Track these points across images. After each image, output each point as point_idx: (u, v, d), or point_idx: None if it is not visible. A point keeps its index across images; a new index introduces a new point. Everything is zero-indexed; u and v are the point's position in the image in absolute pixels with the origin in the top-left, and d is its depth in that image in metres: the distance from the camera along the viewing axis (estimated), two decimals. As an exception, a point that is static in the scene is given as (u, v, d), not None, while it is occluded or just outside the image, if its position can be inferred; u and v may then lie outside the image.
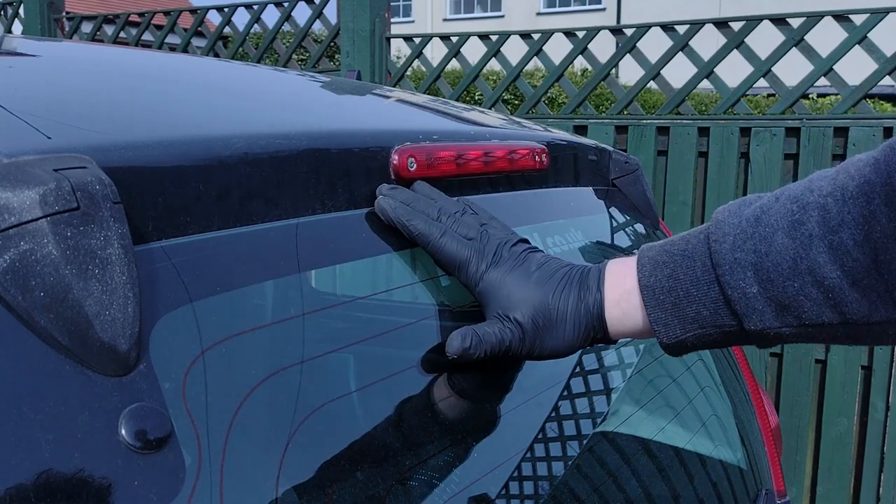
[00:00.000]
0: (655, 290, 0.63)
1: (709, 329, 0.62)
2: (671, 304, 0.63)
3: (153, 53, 1.22)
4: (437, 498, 0.63)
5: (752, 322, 0.60)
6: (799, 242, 0.57)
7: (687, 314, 0.62)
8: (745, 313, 0.60)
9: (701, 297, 0.61)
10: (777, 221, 0.58)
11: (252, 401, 0.53)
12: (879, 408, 2.36)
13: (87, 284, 0.44)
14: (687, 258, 0.63)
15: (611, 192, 1.13)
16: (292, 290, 0.60)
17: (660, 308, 0.63)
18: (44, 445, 0.42)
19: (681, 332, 0.63)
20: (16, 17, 4.14)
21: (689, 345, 0.64)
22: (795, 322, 0.59)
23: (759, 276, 0.58)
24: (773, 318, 0.59)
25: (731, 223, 0.61)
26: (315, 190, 0.64)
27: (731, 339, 0.63)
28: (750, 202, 0.62)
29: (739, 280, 0.59)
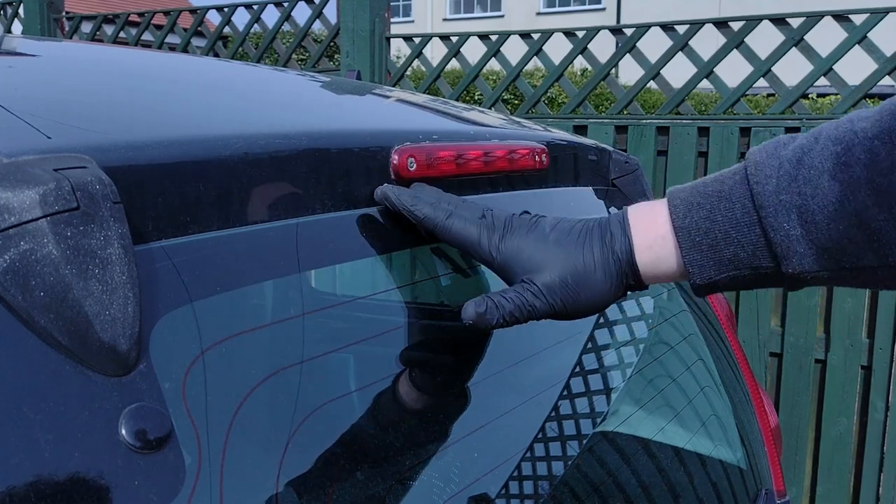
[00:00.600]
0: (691, 232, 0.62)
1: (744, 271, 0.62)
2: (708, 246, 0.62)
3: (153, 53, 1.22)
4: (437, 498, 0.63)
5: (790, 265, 0.59)
6: (846, 185, 0.56)
7: (724, 256, 0.62)
8: (785, 256, 0.59)
9: (740, 239, 0.61)
10: (821, 164, 0.58)
11: (252, 401, 0.53)
12: (879, 407, 2.36)
13: (87, 284, 0.44)
14: (724, 199, 0.62)
15: (611, 192, 1.13)
16: (292, 291, 0.60)
17: (696, 250, 0.62)
18: (44, 445, 0.42)
19: (715, 273, 0.62)
20: (15, 16, 4.14)
21: (721, 286, 0.63)
22: (835, 266, 0.58)
23: (802, 219, 0.58)
24: (813, 261, 0.59)
25: (771, 165, 0.60)
26: (315, 190, 0.64)
27: (764, 281, 0.62)
28: (784, 143, 0.61)
29: (784, 222, 0.58)
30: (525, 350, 0.83)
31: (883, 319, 2.32)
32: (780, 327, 2.47)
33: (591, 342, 0.93)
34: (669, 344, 1.08)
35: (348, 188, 0.67)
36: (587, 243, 0.66)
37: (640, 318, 1.07)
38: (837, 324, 2.38)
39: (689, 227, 0.63)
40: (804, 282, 0.61)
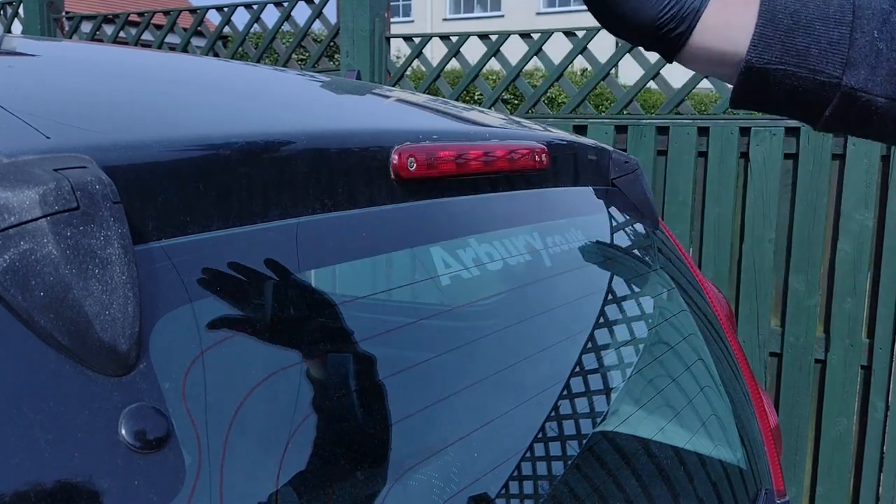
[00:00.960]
0: (777, 6, 0.60)
1: (803, 71, 0.59)
2: (787, 28, 0.59)
3: (153, 53, 1.22)
4: (437, 498, 0.63)
5: (855, 76, 0.58)
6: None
7: (796, 44, 0.59)
8: (856, 64, 0.58)
9: (823, 33, 0.59)
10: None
11: (252, 401, 0.53)
12: (879, 407, 2.36)
13: (87, 284, 0.44)
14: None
15: (610, 191, 1.13)
16: (292, 290, 0.60)
17: (772, 25, 0.60)
18: (44, 445, 0.42)
19: (776, 60, 0.60)
20: (15, 16, 4.14)
21: (769, 81, 0.60)
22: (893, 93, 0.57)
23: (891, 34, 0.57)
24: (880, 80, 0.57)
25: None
26: (315, 190, 0.64)
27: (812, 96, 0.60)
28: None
29: (874, 30, 0.57)
30: (525, 350, 0.83)
31: (883, 319, 2.32)
32: (779, 327, 2.47)
33: (591, 342, 0.93)
34: (669, 344, 1.08)
35: (348, 188, 0.67)
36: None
37: (640, 318, 1.07)
38: (837, 324, 2.38)
39: (777, 1, 0.60)
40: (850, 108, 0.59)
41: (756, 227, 2.44)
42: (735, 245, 2.51)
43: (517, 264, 0.87)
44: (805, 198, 2.37)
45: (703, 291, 1.27)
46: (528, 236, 0.91)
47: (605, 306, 0.99)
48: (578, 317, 0.95)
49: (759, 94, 0.62)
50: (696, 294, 1.23)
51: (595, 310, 0.97)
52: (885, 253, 2.31)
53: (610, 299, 1.01)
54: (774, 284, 2.45)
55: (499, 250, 0.84)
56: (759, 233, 2.44)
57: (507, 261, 0.85)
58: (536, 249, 0.91)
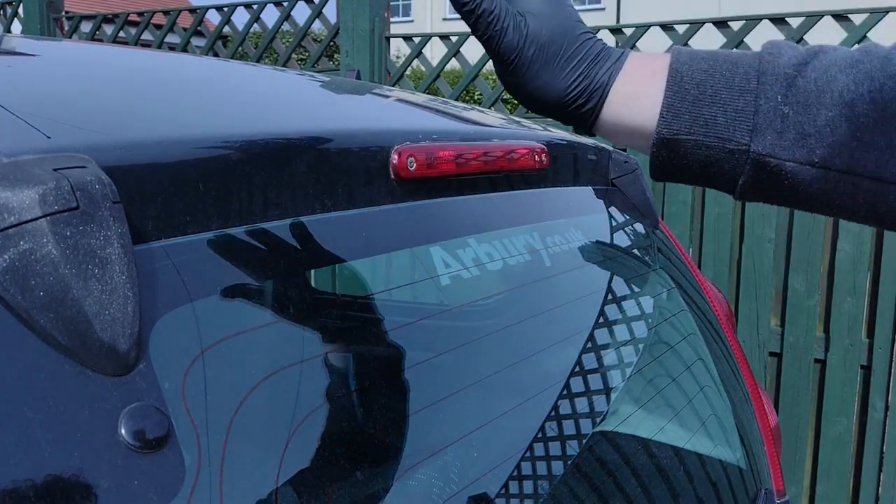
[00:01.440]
0: (685, 78, 0.61)
1: (712, 140, 0.60)
2: (694, 98, 0.60)
3: (153, 53, 1.22)
4: (437, 498, 0.63)
5: (763, 142, 0.58)
6: (852, 78, 0.57)
7: (703, 114, 0.60)
8: (763, 129, 0.58)
9: (729, 101, 0.60)
10: (834, 59, 0.58)
11: (252, 400, 0.53)
12: (879, 407, 2.36)
13: (87, 284, 0.44)
14: (730, 62, 0.61)
15: (610, 191, 1.13)
16: (292, 290, 0.60)
17: (679, 96, 0.61)
18: (43, 445, 0.42)
19: (685, 130, 0.60)
20: (15, 16, 4.14)
21: (680, 152, 0.61)
22: (804, 157, 0.58)
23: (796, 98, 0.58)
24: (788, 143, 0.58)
25: (788, 46, 0.61)
26: (315, 189, 0.64)
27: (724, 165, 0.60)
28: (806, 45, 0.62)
29: (778, 94, 0.58)
30: (525, 350, 0.83)
31: (882, 319, 2.32)
32: (779, 327, 2.47)
33: (591, 342, 0.93)
34: (669, 344, 1.08)
35: (348, 188, 0.67)
36: (586, 44, 0.63)
37: (640, 318, 1.07)
38: (837, 324, 2.38)
39: (684, 73, 0.61)
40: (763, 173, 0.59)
41: (756, 226, 2.44)
42: (735, 245, 2.51)
43: (517, 264, 0.87)
44: (805, 198, 2.37)
45: (702, 291, 1.27)
46: (527, 236, 0.91)
47: (605, 306, 0.99)
48: (578, 317, 0.95)
49: (673, 166, 0.63)
50: (695, 294, 1.23)
51: (595, 310, 0.97)
52: (884, 253, 2.31)
53: (610, 299, 1.01)
54: (774, 284, 2.45)
55: (499, 250, 0.84)
56: (758, 232, 2.44)
57: (506, 261, 0.85)
58: (536, 249, 0.91)
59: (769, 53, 0.60)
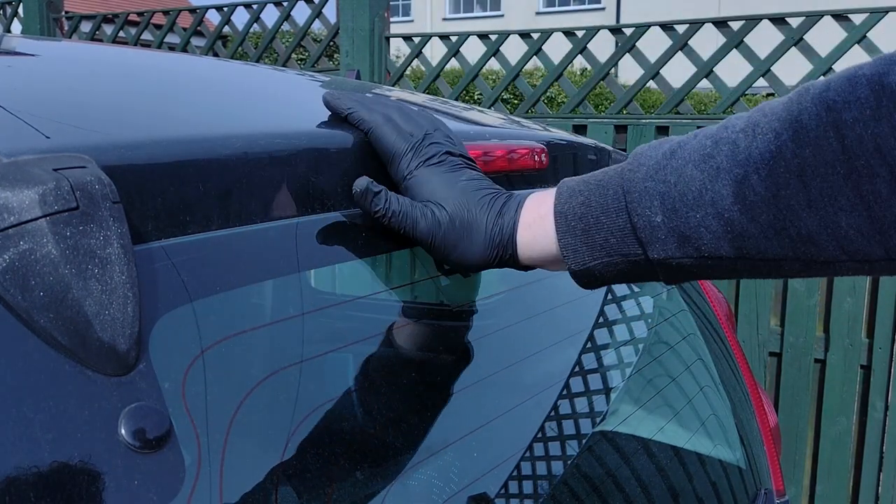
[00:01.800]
0: (568, 216, 0.65)
1: (615, 258, 0.63)
2: (581, 231, 0.64)
3: (152, 53, 1.22)
4: (437, 498, 0.63)
5: (655, 251, 0.61)
6: (706, 174, 0.58)
7: (596, 241, 0.64)
8: (648, 241, 0.61)
9: (609, 224, 0.63)
10: (690, 155, 0.60)
11: (252, 400, 0.53)
12: (879, 407, 2.36)
13: (87, 284, 0.44)
14: (601, 187, 0.64)
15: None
16: (292, 290, 0.60)
17: (570, 234, 0.65)
18: (43, 445, 0.42)
19: (589, 259, 0.64)
20: (15, 16, 4.14)
21: (598, 274, 0.65)
22: (695, 253, 0.60)
23: (664, 206, 0.60)
24: (674, 247, 0.61)
25: (648, 155, 0.63)
26: (315, 189, 0.64)
27: (638, 270, 0.64)
28: (669, 140, 0.64)
29: (646, 208, 0.61)
30: (525, 350, 0.83)
31: (882, 319, 2.32)
32: (779, 327, 2.47)
33: (590, 342, 0.93)
34: (669, 344, 1.08)
35: (347, 188, 0.67)
36: (487, 205, 0.68)
37: (640, 318, 1.07)
38: (837, 323, 2.38)
39: (566, 212, 0.65)
40: (673, 270, 0.62)
41: (756, 226, 2.44)
42: (735, 245, 2.51)
43: (517, 264, 0.87)
44: (805, 197, 2.37)
45: (702, 291, 1.27)
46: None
47: (605, 306, 0.99)
48: (578, 317, 0.95)
49: (599, 282, 0.67)
50: (695, 294, 1.23)
51: (595, 310, 0.97)
52: (884, 253, 2.31)
53: (609, 299, 1.01)
54: (774, 284, 2.45)
55: (498, 250, 0.84)
56: (758, 232, 2.44)
57: (506, 260, 0.85)
58: (536, 249, 0.91)
59: (629, 169, 0.63)
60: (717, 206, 0.58)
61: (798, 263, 0.58)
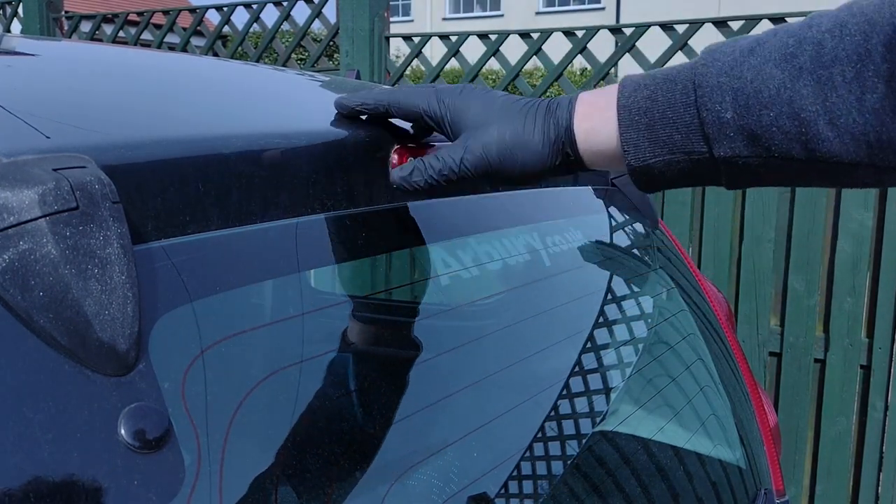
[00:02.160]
0: (632, 111, 0.63)
1: (678, 155, 0.62)
2: (645, 126, 0.62)
3: (152, 53, 1.22)
4: (436, 498, 0.63)
5: (721, 148, 0.60)
6: (787, 74, 0.57)
7: (659, 136, 0.62)
8: (716, 138, 0.60)
9: (676, 119, 0.61)
10: (770, 53, 0.58)
11: (251, 401, 0.53)
12: (878, 407, 2.36)
13: (87, 284, 0.44)
14: (669, 81, 0.62)
15: (610, 191, 1.13)
16: (292, 290, 0.60)
17: (633, 128, 0.63)
18: (43, 445, 0.42)
19: (650, 155, 0.63)
20: (14, 16, 4.14)
21: (657, 172, 0.63)
22: (764, 153, 0.59)
23: (736, 102, 0.58)
24: (742, 146, 0.59)
25: (724, 51, 0.61)
26: (314, 189, 0.64)
27: (700, 170, 0.62)
28: (745, 37, 0.62)
29: (716, 103, 0.59)
30: (525, 350, 0.83)
31: (882, 319, 2.32)
32: (779, 327, 2.47)
33: (590, 342, 0.93)
34: (669, 343, 1.08)
35: (347, 187, 0.67)
36: (532, 111, 0.67)
37: (640, 318, 1.07)
38: (837, 323, 2.38)
39: (630, 106, 0.63)
40: (738, 170, 0.61)
41: (755, 226, 2.44)
42: (734, 245, 2.51)
43: (517, 264, 0.87)
44: (804, 198, 2.37)
45: (702, 291, 1.27)
46: (527, 236, 0.91)
47: (605, 306, 0.99)
48: (578, 316, 0.95)
49: (656, 184, 0.65)
50: (695, 294, 1.23)
51: (595, 309, 0.97)
52: (884, 252, 2.31)
53: (609, 299, 1.01)
54: (774, 284, 2.46)
55: (498, 250, 0.84)
56: (758, 232, 2.44)
57: (506, 260, 0.85)
58: (536, 249, 0.91)
59: (702, 64, 0.61)
60: (793, 106, 0.56)
61: (872, 170, 0.56)
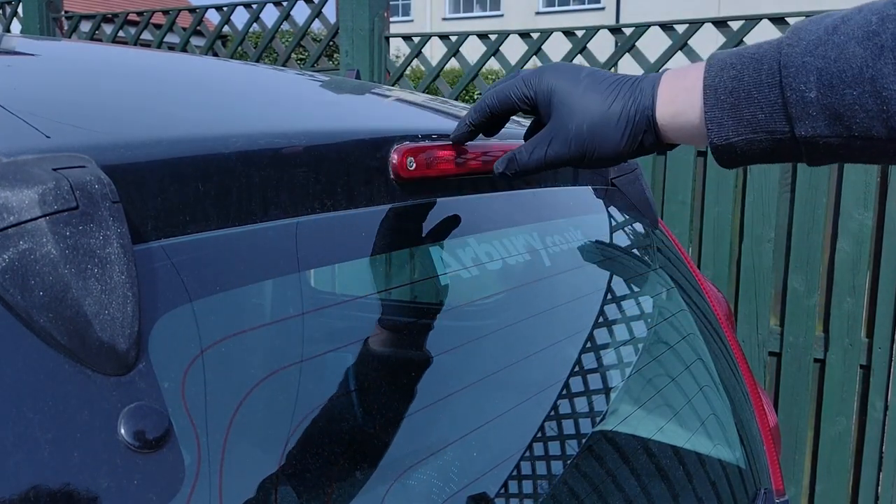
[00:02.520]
0: (718, 90, 0.64)
1: (761, 135, 0.63)
2: (730, 105, 0.64)
3: (152, 52, 1.22)
4: (436, 498, 0.63)
5: (803, 127, 0.61)
6: (870, 52, 0.57)
7: (743, 116, 0.63)
8: (798, 117, 0.61)
9: (761, 99, 0.62)
10: (853, 31, 0.59)
11: (251, 400, 0.53)
12: (878, 407, 2.36)
13: (87, 284, 0.44)
14: (755, 60, 0.63)
15: (610, 191, 1.13)
16: (291, 290, 0.60)
17: (718, 107, 0.64)
18: (43, 445, 0.42)
19: (733, 134, 0.64)
20: (14, 16, 4.14)
21: (738, 151, 0.65)
22: (845, 132, 0.59)
23: (820, 81, 0.59)
24: (824, 125, 0.60)
25: (809, 30, 0.62)
26: (314, 189, 0.64)
27: (782, 149, 0.63)
28: (832, 14, 0.63)
29: (801, 83, 0.60)
30: (524, 350, 0.83)
31: (882, 319, 2.32)
32: (779, 326, 2.47)
33: (590, 342, 0.93)
34: (669, 343, 1.08)
35: (347, 187, 0.67)
36: (614, 93, 0.69)
37: (640, 318, 1.07)
38: (836, 323, 2.38)
39: (716, 86, 0.64)
40: (819, 150, 0.62)
41: (755, 226, 2.44)
42: (734, 244, 2.51)
43: (516, 264, 0.87)
44: (804, 197, 2.37)
45: (702, 291, 1.27)
46: (527, 236, 0.91)
47: (605, 306, 0.99)
48: (578, 316, 0.95)
49: (738, 161, 0.66)
50: (695, 293, 1.23)
51: (594, 309, 0.97)
52: (884, 252, 2.31)
53: (609, 299, 1.01)
54: (774, 284, 2.46)
55: (498, 250, 0.84)
56: (758, 232, 2.44)
57: (506, 260, 0.85)
58: (536, 249, 0.91)
59: (787, 44, 0.62)
60: (876, 84, 0.57)
61: None
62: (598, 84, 0.70)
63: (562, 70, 0.71)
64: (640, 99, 0.68)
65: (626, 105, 0.68)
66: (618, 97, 0.69)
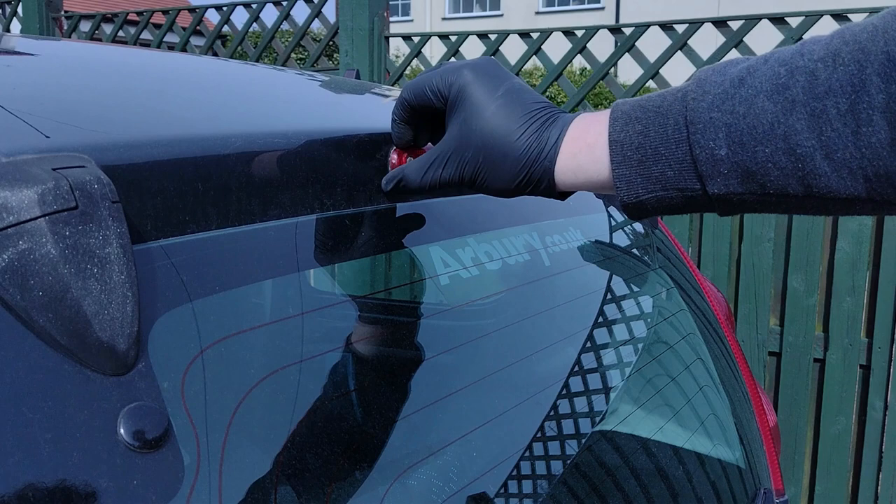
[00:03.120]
0: (624, 146, 0.61)
1: (671, 192, 0.60)
2: (637, 162, 0.60)
3: (152, 52, 1.22)
4: (436, 498, 0.63)
5: (715, 185, 0.58)
6: (780, 107, 0.55)
7: (652, 173, 0.60)
8: (709, 175, 0.58)
9: (668, 156, 0.59)
10: (761, 84, 0.56)
11: (251, 400, 0.53)
12: (878, 407, 2.36)
13: (86, 283, 0.44)
14: (661, 115, 0.60)
15: (610, 191, 1.13)
16: (291, 290, 0.60)
17: (625, 164, 0.61)
18: (42, 445, 0.42)
19: (643, 192, 0.61)
20: (14, 15, 4.14)
21: (650, 207, 0.62)
22: (759, 190, 0.57)
23: (730, 139, 0.56)
24: (737, 183, 0.57)
25: (714, 82, 0.59)
26: (313, 189, 0.64)
27: (693, 205, 0.61)
28: (737, 63, 0.59)
29: (710, 140, 0.57)
30: (524, 349, 0.83)
31: (882, 319, 2.32)
32: (778, 326, 2.47)
33: (590, 342, 0.93)
34: (668, 343, 1.08)
35: (347, 187, 0.67)
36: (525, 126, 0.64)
37: (640, 318, 1.07)
38: (836, 323, 2.38)
39: (622, 141, 0.61)
40: (732, 205, 0.59)
41: (755, 226, 2.45)
42: (734, 244, 2.51)
43: (516, 264, 0.87)
44: (804, 197, 2.37)
45: (701, 291, 1.27)
46: (527, 236, 0.91)
47: (605, 306, 0.99)
48: (577, 316, 0.95)
49: (651, 214, 0.63)
50: (694, 293, 1.23)
51: (594, 309, 0.97)
52: (883, 252, 2.31)
53: (609, 299, 1.01)
54: (773, 284, 2.46)
55: (498, 250, 0.84)
56: (757, 232, 2.44)
57: (506, 260, 0.85)
58: (535, 249, 0.91)
59: (692, 98, 0.59)
60: (789, 142, 0.54)
61: (871, 204, 0.54)
62: (513, 108, 0.65)
63: (481, 74, 0.66)
64: (545, 146, 0.64)
65: (530, 146, 0.64)
66: (526, 132, 0.64)
